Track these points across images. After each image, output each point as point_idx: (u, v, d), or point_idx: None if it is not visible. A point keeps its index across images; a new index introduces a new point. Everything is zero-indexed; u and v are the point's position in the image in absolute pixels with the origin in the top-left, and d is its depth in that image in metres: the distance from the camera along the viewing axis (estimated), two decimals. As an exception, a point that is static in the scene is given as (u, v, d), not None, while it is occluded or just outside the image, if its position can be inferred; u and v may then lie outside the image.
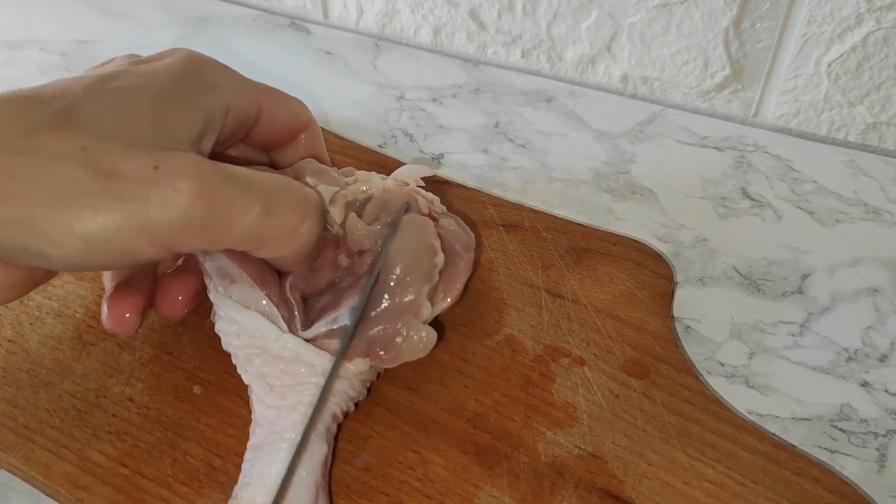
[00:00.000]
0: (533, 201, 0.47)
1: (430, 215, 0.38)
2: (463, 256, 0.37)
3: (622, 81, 0.56)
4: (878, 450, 0.35)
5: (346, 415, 0.33)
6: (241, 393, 0.34)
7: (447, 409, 0.34)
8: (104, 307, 0.33)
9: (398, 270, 0.34)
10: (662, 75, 0.54)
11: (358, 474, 0.32)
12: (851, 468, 0.34)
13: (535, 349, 0.37)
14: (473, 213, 0.44)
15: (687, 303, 0.41)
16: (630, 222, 0.46)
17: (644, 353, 0.37)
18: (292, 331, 0.33)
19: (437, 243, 0.36)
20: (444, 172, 0.48)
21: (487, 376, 0.36)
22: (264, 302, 0.33)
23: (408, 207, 0.37)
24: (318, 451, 0.31)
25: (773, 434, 0.34)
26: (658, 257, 0.42)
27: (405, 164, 0.47)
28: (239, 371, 0.33)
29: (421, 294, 0.34)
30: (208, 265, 0.33)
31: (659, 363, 0.36)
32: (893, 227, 0.45)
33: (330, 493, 0.31)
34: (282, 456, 0.30)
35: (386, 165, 0.47)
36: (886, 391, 0.37)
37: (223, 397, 0.35)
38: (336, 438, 0.33)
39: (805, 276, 0.43)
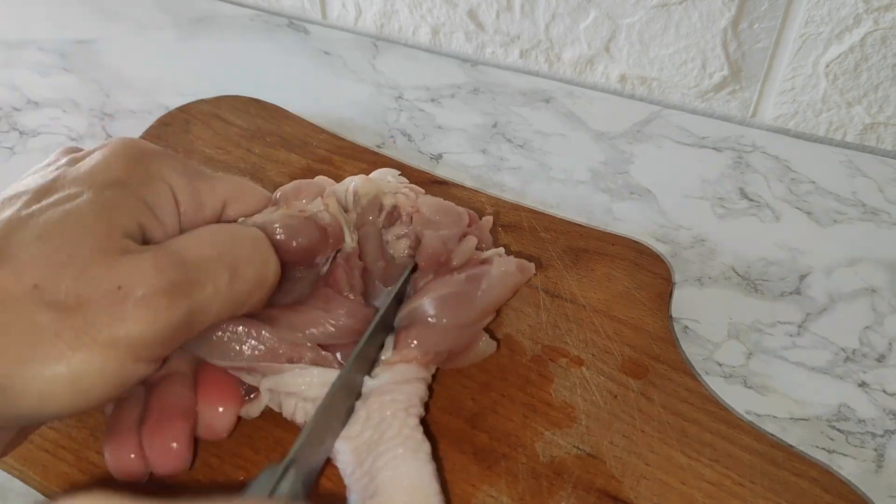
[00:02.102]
0: (531, 201, 0.47)
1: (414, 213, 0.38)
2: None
3: (620, 82, 0.56)
4: (875, 450, 0.35)
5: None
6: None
7: (445, 409, 0.34)
8: (128, 455, 0.29)
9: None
10: (661, 76, 0.54)
11: (356, 474, 0.32)
12: (849, 468, 0.34)
13: (533, 349, 0.37)
14: (472, 213, 0.44)
15: (685, 303, 0.41)
16: (628, 222, 0.46)
17: (642, 353, 0.37)
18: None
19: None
20: (442, 172, 0.48)
21: (485, 376, 0.36)
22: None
23: (414, 267, 0.37)
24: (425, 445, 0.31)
25: (772, 434, 0.34)
26: (656, 257, 0.42)
27: (404, 164, 0.47)
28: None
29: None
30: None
31: (657, 363, 0.36)
32: (891, 228, 0.45)
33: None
34: (401, 458, 0.30)
35: (384, 165, 0.47)
36: (884, 391, 0.37)
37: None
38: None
39: (803, 277, 0.43)
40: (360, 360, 0.32)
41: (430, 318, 0.34)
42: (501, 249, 0.38)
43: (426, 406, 0.34)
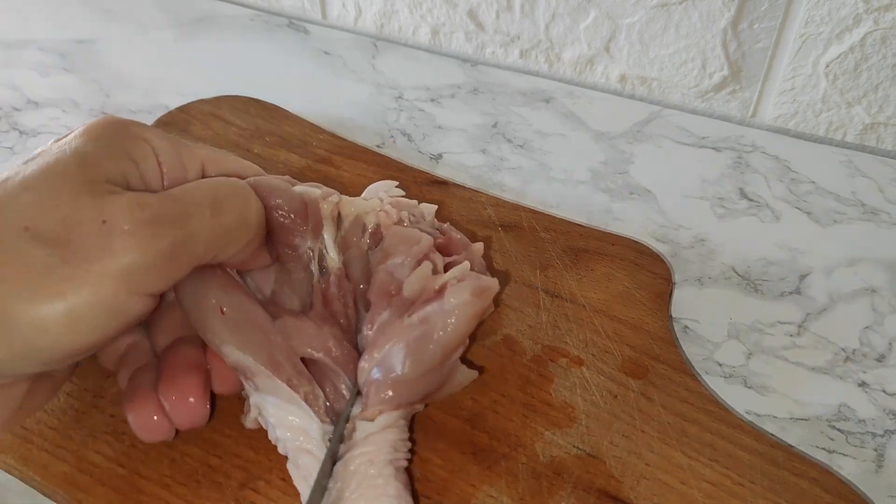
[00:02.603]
0: (531, 201, 0.47)
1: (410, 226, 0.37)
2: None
3: (620, 82, 0.56)
4: (875, 450, 0.35)
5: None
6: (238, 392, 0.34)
7: (445, 409, 0.34)
8: (150, 416, 0.30)
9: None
10: (661, 76, 0.54)
11: (356, 474, 0.32)
12: (849, 468, 0.34)
13: (533, 349, 0.37)
14: (471, 213, 0.44)
15: (685, 303, 0.41)
16: (628, 222, 0.46)
17: (642, 353, 0.37)
18: (327, 411, 0.32)
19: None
20: (442, 172, 0.48)
21: (485, 376, 0.36)
22: (295, 396, 0.31)
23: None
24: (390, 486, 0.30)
25: (771, 434, 0.34)
26: (656, 257, 0.42)
27: (403, 164, 0.47)
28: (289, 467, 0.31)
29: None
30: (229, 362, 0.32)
31: (657, 363, 0.36)
32: (891, 228, 0.45)
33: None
34: None
35: (384, 165, 0.47)
36: (884, 391, 0.37)
37: (221, 397, 0.35)
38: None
39: (803, 277, 0.43)
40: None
41: (392, 374, 0.32)
42: (466, 265, 0.34)
43: (411, 422, 0.33)
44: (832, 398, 0.37)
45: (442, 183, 0.46)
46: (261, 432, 0.33)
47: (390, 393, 0.31)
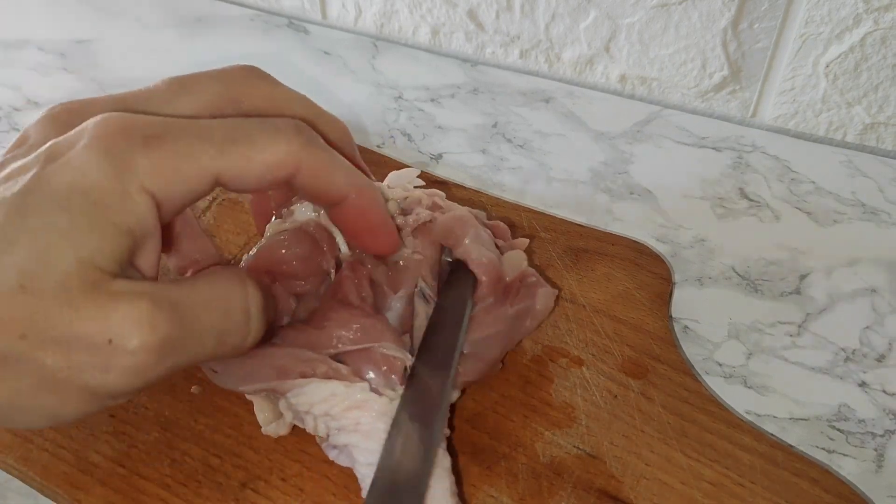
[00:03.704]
0: (531, 201, 0.47)
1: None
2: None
3: (620, 82, 0.56)
4: (875, 450, 0.35)
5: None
6: (238, 392, 0.34)
7: (445, 410, 0.34)
8: None
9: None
10: (661, 76, 0.54)
11: (356, 474, 0.32)
12: (849, 468, 0.34)
13: (533, 349, 0.37)
14: (472, 213, 0.44)
15: (685, 303, 0.41)
16: (628, 222, 0.46)
17: (642, 353, 0.37)
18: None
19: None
20: (442, 172, 0.48)
21: (486, 376, 0.36)
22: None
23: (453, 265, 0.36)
24: (446, 459, 0.31)
25: (772, 434, 0.34)
26: (656, 257, 0.42)
27: (403, 164, 0.47)
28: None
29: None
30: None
31: (657, 363, 0.36)
32: (891, 228, 0.45)
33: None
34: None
35: (384, 165, 0.47)
36: (884, 391, 0.37)
37: (221, 397, 0.35)
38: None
39: (803, 277, 0.43)
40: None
41: (477, 353, 0.33)
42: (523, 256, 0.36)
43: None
44: (832, 398, 0.37)
45: (442, 183, 0.46)
46: (260, 432, 0.33)
47: (466, 366, 0.33)
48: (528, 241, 0.37)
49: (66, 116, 0.28)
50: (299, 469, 0.32)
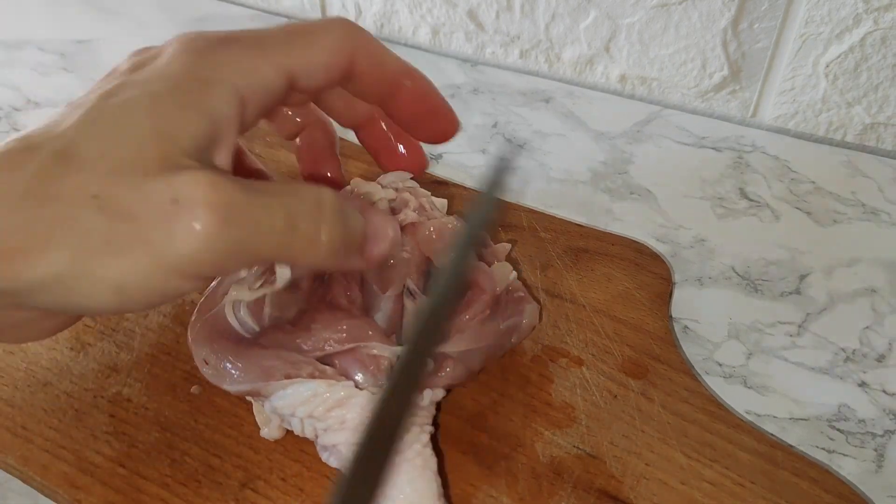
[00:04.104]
0: (531, 201, 0.47)
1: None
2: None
3: (620, 82, 0.56)
4: (875, 450, 0.35)
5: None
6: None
7: (445, 409, 0.34)
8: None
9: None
10: (661, 76, 0.54)
11: (356, 474, 0.32)
12: (849, 468, 0.34)
13: (533, 349, 0.37)
14: (472, 213, 0.44)
15: (685, 303, 0.41)
16: (628, 222, 0.46)
17: (642, 353, 0.37)
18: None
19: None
20: (442, 172, 0.48)
21: (485, 376, 0.36)
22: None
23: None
24: (432, 461, 0.31)
25: (771, 434, 0.34)
26: (656, 257, 0.42)
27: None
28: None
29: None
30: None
31: (657, 363, 0.36)
32: (891, 228, 0.45)
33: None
34: (407, 473, 0.30)
35: (384, 165, 0.47)
36: (884, 391, 0.37)
37: (221, 397, 0.35)
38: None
39: (803, 277, 0.43)
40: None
41: (463, 361, 0.33)
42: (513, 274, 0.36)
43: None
44: (832, 398, 0.37)
45: (442, 183, 0.46)
46: (260, 432, 0.33)
47: (445, 373, 0.33)
48: (509, 246, 0.37)
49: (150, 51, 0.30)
50: (299, 469, 0.32)
